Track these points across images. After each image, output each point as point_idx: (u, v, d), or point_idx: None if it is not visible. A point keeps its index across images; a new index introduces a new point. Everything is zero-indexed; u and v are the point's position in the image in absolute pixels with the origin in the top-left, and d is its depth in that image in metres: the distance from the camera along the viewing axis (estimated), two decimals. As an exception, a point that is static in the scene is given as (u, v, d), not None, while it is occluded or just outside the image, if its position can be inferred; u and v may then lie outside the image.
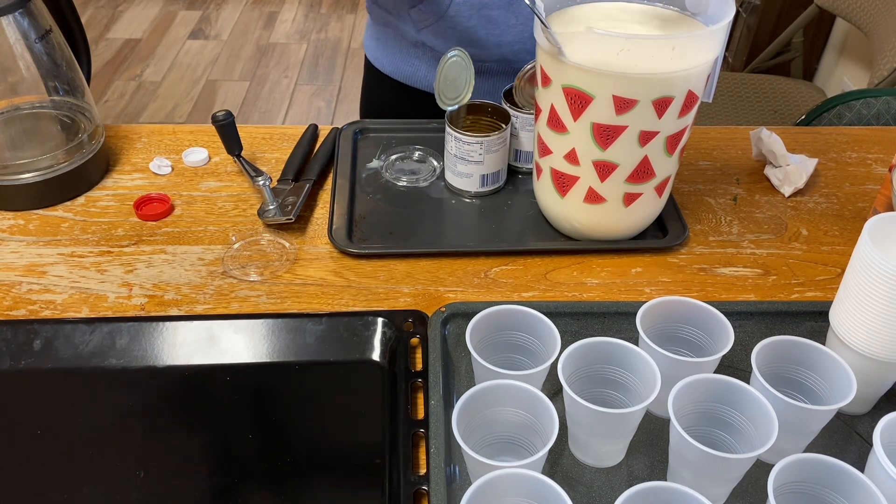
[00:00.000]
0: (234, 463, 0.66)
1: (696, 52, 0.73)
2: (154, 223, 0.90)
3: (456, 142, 0.91)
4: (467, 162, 0.91)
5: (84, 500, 0.63)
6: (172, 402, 0.71)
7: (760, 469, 0.62)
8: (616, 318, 0.77)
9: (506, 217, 0.93)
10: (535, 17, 0.74)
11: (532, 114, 0.91)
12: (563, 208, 0.86)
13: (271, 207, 0.89)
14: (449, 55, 0.91)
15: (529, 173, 0.97)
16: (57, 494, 0.63)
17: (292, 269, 0.85)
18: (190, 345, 0.75)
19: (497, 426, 0.62)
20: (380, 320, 0.76)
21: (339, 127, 1.05)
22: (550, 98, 0.78)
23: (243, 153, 0.95)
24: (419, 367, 0.72)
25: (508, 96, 0.95)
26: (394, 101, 1.17)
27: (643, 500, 0.53)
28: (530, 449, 0.62)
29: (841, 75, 2.55)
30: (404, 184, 0.97)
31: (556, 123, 0.79)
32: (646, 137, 0.77)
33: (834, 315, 0.68)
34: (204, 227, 0.90)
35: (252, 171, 0.92)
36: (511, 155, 0.97)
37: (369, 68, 1.19)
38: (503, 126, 0.91)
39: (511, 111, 0.93)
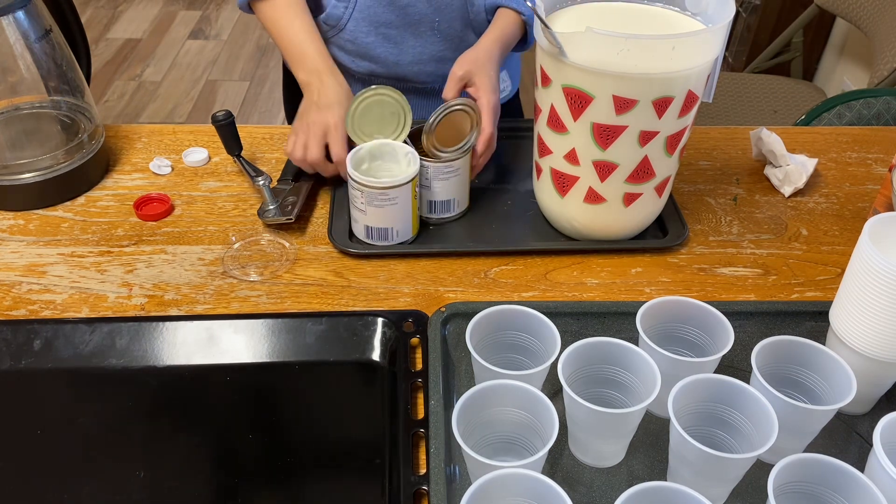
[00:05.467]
0: (235, 463, 0.66)
1: (696, 52, 0.73)
2: (154, 223, 0.90)
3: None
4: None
5: (84, 500, 0.63)
6: (172, 401, 0.71)
7: (760, 469, 0.61)
8: (616, 318, 0.77)
9: (506, 217, 0.93)
10: (536, 17, 0.74)
11: (442, 163, 0.86)
12: (563, 208, 0.86)
13: (271, 207, 0.89)
14: (366, 94, 0.85)
15: (440, 224, 0.91)
16: (57, 494, 0.63)
17: (292, 269, 0.85)
18: (190, 345, 0.75)
19: (497, 426, 0.62)
20: (380, 320, 0.76)
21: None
22: (550, 98, 0.78)
23: (243, 153, 0.95)
24: (419, 367, 0.72)
25: (415, 139, 0.87)
26: None
27: (643, 500, 0.53)
28: (530, 449, 0.62)
29: (841, 75, 2.55)
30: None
31: (556, 123, 0.79)
32: (646, 137, 0.77)
33: (834, 315, 0.68)
34: (204, 227, 0.90)
35: (252, 171, 0.92)
36: (424, 206, 0.89)
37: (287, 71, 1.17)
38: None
39: (422, 160, 0.85)
